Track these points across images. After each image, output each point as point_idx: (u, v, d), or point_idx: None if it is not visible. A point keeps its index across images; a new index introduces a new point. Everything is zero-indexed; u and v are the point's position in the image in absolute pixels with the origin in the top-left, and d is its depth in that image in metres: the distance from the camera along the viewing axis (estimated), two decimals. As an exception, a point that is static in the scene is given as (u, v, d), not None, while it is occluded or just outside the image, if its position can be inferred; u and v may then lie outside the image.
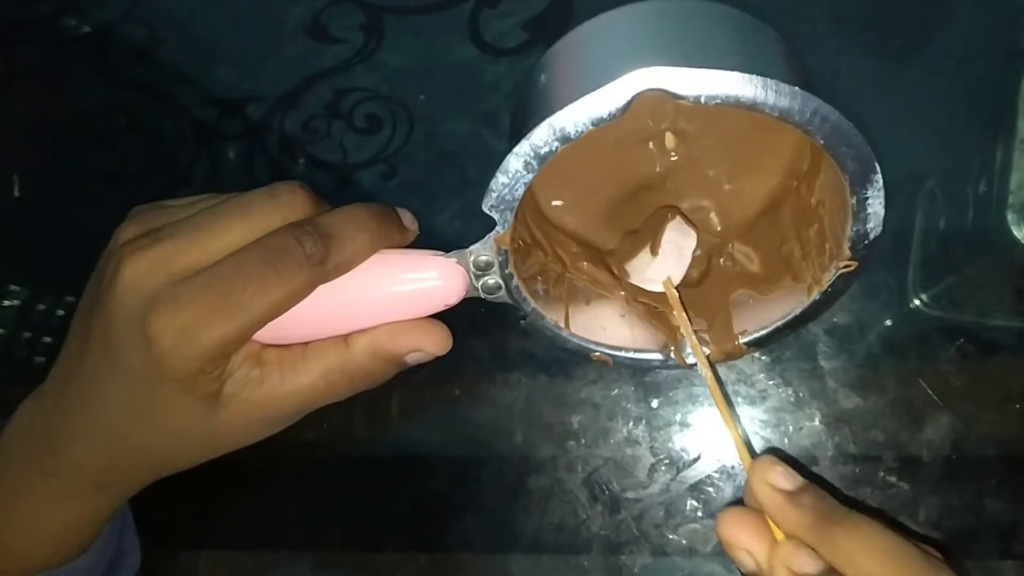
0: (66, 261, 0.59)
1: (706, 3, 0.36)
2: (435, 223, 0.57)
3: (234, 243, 0.34)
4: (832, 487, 0.49)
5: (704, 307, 0.42)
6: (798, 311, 0.41)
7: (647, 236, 0.42)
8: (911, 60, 0.56)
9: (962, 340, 0.51)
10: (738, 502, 0.51)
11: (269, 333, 0.35)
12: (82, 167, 0.61)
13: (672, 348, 0.42)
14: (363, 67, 0.59)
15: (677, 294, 0.40)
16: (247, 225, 0.34)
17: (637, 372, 0.52)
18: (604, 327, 0.43)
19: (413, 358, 0.37)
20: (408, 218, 0.38)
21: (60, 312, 0.59)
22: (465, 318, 0.48)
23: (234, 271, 0.33)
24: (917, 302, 0.54)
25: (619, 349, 0.42)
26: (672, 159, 0.41)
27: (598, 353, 0.42)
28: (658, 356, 0.42)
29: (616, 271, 0.43)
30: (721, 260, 0.44)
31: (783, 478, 0.36)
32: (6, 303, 0.60)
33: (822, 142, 0.34)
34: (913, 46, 0.56)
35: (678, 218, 0.42)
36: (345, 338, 0.37)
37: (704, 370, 0.39)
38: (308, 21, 0.60)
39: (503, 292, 0.38)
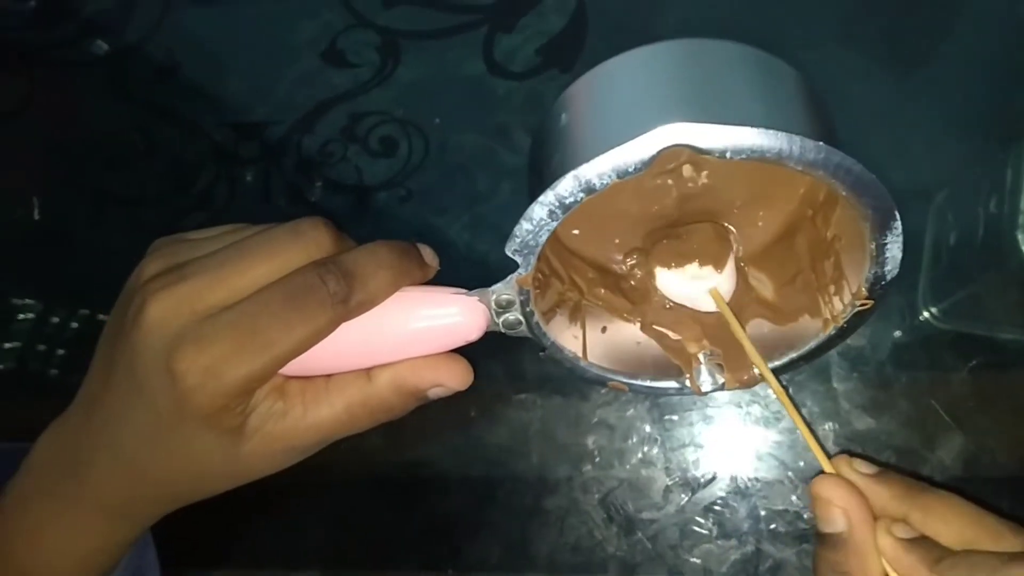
0: (84, 284, 0.60)
1: (724, 43, 0.37)
2: (446, 235, 0.57)
3: (259, 281, 0.34)
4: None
5: (719, 334, 0.43)
6: (813, 344, 0.41)
7: (692, 248, 0.42)
8: (920, 78, 0.57)
9: (974, 361, 0.52)
10: (753, 521, 0.51)
11: (293, 367, 0.36)
12: (100, 190, 0.62)
13: (688, 376, 0.42)
14: (379, 90, 0.60)
15: (727, 307, 0.41)
16: (271, 263, 0.35)
17: (652, 397, 0.53)
18: (620, 355, 0.43)
19: (435, 393, 0.38)
20: (429, 254, 0.39)
21: (74, 324, 0.60)
22: (481, 339, 0.49)
23: (259, 309, 0.34)
24: (927, 315, 0.54)
25: (635, 377, 0.43)
26: (689, 187, 0.41)
27: (614, 381, 0.43)
28: (673, 384, 0.43)
29: (640, 282, 0.44)
30: (738, 287, 0.44)
31: (865, 466, 0.39)
32: (21, 316, 0.60)
33: (844, 193, 0.35)
34: (921, 64, 0.57)
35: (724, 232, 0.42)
36: (367, 372, 0.37)
37: (771, 383, 0.40)
38: (324, 45, 0.61)
39: (523, 328, 0.39)
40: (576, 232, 0.44)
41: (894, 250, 0.37)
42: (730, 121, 0.33)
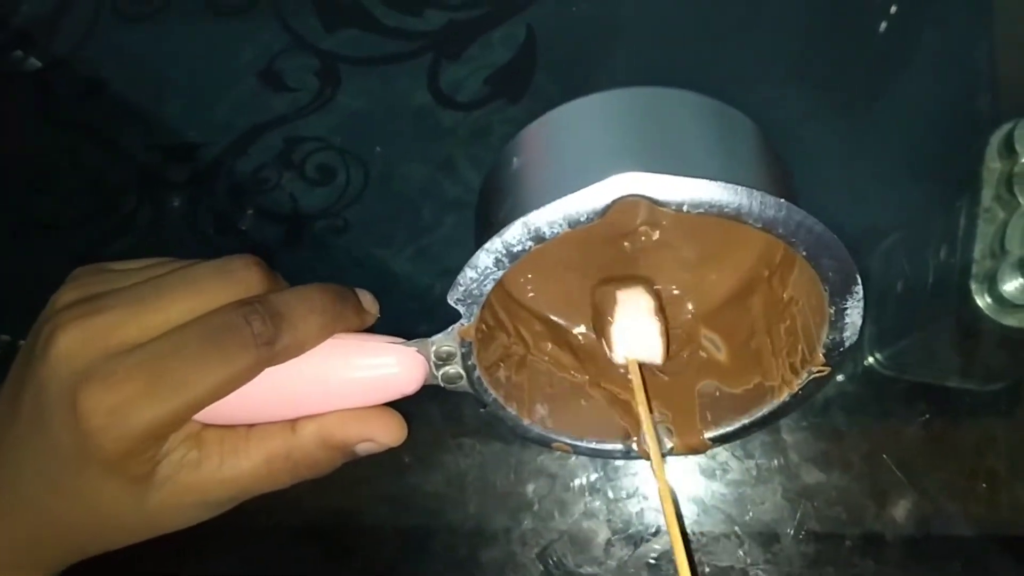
0: (2, 309, 0.56)
1: (682, 92, 0.35)
2: (388, 267, 0.55)
3: (177, 318, 0.32)
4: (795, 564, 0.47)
5: (669, 396, 0.41)
6: (766, 411, 0.39)
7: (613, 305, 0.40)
8: (872, 120, 0.56)
9: (926, 413, 0.50)
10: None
11: (211, 413, 0.33)
12: (19, 210, 0.59)
13: (635, 439, 0.40)
14: (317, 116, 0.57)
15: (640, 378, 0.39)
16: (193, 300, 0.32)
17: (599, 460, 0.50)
18: (565, 415, 0.41)
19: (363, 448, 0.35)
20: (368, 300, 0.36)
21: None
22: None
23: (174, 349, 0.31)
24: (871, 360, 0.53)
25: (580, 439, 0.41)
26: (642, 241, 0.39)
27: (558, 442, 0.40)
28: (620, 447, 0.41)
29: (588, 338, 0.42)
30: (688, 346, 0.42)
31: None
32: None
33: (804, 253, 0.33)
34: (874, 106, 0.56)
35: (642, 290, 0.40)
36: (292, 423, 0.34)
37: (657, 473, 0.37)
38: (261, 66, 0.58)
39: (464, 382, 0.37)
40: (524, 283, 0.41)
41: (854, 315, 0.35)
42: (688, 173, 0.30)
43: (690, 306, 0.42)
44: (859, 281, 0.34)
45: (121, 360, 0.31)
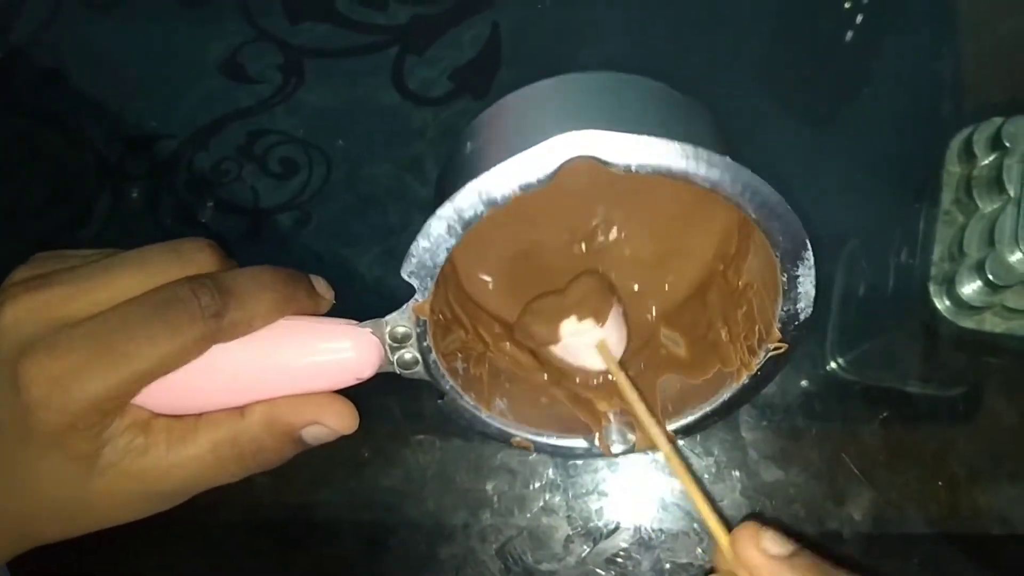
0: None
1: (636, 76, 0.35)
2: (355, 268, 0.54)
3: (126, 294, 0.32)
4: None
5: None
6: (727, 396, 0.39)
7: (569, 302, 0.40)
8: (835, 125, 0.56)
9: (885, 414, 0.51)
10: (656, 574, 0.49)
11: (161, 401, 0.32)
12: (-26, 199, 0.58)
13: (596, 435, 0.40)
14: (280, 109, 0.57)
15: (617, 364, 0.38)
16: (142, 276, 0.32)
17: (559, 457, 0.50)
18: (525, 411, 0.41)
19: (312, 434, 0.34)
20: (322, 286, 0.36)
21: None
22: (376, 375, 0.46)
23: (119, 321, 0.31)
24: (834, 365, 0.53)
25: (540, 434, 0.40)
26: (599, 241, 0.39)
27: (518, 438, 0.40)
28: (582, 443, 0.40)
29: (537, 336, 0.41)
30: (648, 345, 0.42)
31: (775, 543, 0.33)
32: None
33: (753, 215, 0.33)
34: (837, 111, 0.56)
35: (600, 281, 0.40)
36: (242, 409, 0.34)
37: (664, 448, 0.37)
38: (224, 58, 0.58)
39: (420, 368, 0.36)
40: (483, 280, 0.41)
41: (806, 284, 0.35)
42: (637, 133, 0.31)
43: (651, 308, 0.42)
44: (809, 247, 0.34)
45: (67, 332, 0.31)
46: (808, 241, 0.34)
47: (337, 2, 0.57)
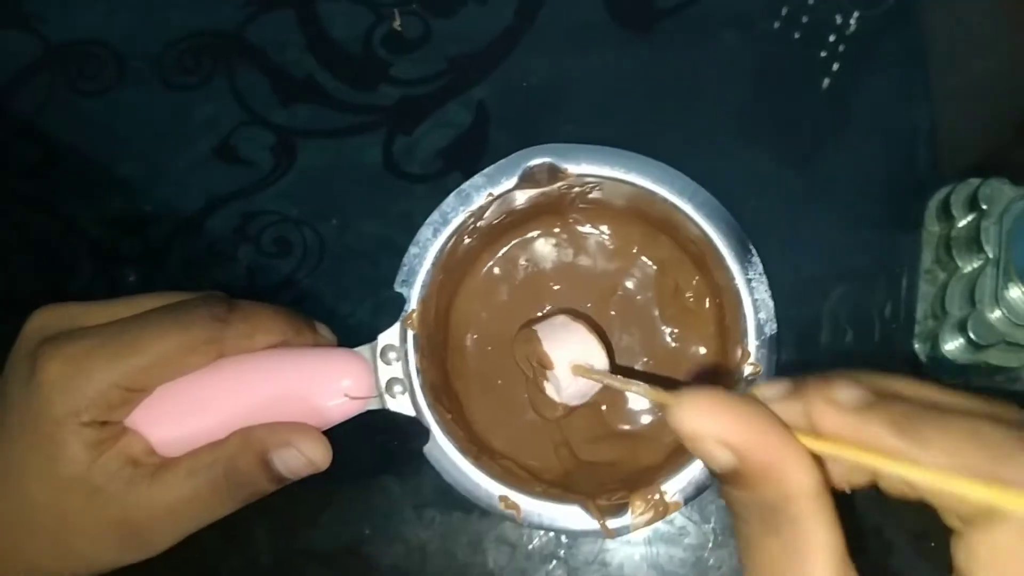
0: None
1: None
2: (349, 324, 0.55)
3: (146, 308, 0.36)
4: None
5: (632, 467, 0.42)
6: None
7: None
8: (814, 173, 0.57)
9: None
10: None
11: (161, 422, 0.34)
12: (-31, 289, 0.58)
13: (591, 508, 0.40)
14: (273, 190, 0.58)
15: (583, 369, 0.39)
16: (163, 302, 0.36)
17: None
18: (516, 475, 0.41)
19: (284, 459, 0.35)
20: (325, 329, 0.39)
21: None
22: (374, 452, 0.46)
23: (135, 319, 0.34)
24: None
25: (528, 494, 0.40)
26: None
27: (506, 498, 0.40)
28: (579, 516, 0.40)
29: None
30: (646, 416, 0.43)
31: (850, 392, 0.26)
32: None
33: (699, 219, 0.39)
34: (818, 165, 0.57)
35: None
36: (220, 440, 0.36)
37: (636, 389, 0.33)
38: (216, 142, 0.59)
39: (406, 397, 0.37)
40: (473, 344, 0.43)
41: (761, 291, 0.39)
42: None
43: (645, 359, 0.44)
44: (753, 251, 0.39)
45: (87, 328, 0.34)
46: (750, 243, 0.39)
47: (327, 84, 0.58)
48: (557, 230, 0.47)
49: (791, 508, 0.25)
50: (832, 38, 0.58)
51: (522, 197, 0.41)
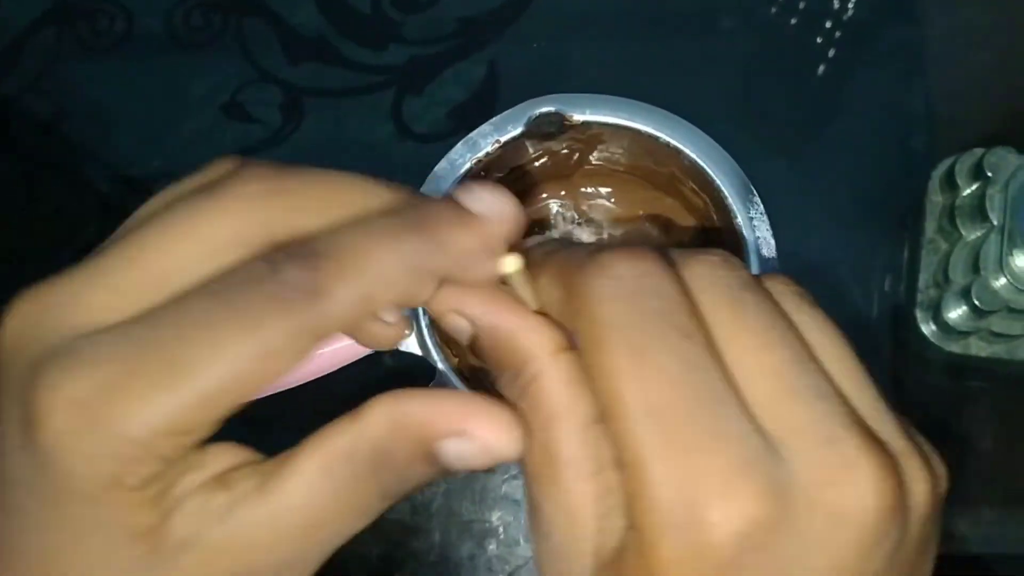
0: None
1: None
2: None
3: (164, 275, 0.22)
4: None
5: None
6: None
7: None
8: (812, 157, 0.57)
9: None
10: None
11: None
12: (-24, 243, 0.58)
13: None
14: (281, 148, 0.58)
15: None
16: (184, 242, 0.23)
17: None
18: None
19: (456, 452, 0.23)
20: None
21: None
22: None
23: (167, 316, 0.21)
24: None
25: None
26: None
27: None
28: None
29: None
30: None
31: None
32: None
33: (700, 160, 0.40)
34: (813, 143, 0.57)
35: None
36: (353, 414, 0.23)
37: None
38: (225, 98, 0.59)
39: (413, 338, 0.39)
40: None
41: (763, 230, 0.41)
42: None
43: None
44: (755, 191, 0.40)
45: (92, 336, 0.21)
46: (751, 185, 0.40)
47: (336, 43, 0.58)
48: (563, 193, 0.47)
49: (528, 370, 0.23)
50: (828, 24, 0.58)
51: (529, 148, 0.42)
